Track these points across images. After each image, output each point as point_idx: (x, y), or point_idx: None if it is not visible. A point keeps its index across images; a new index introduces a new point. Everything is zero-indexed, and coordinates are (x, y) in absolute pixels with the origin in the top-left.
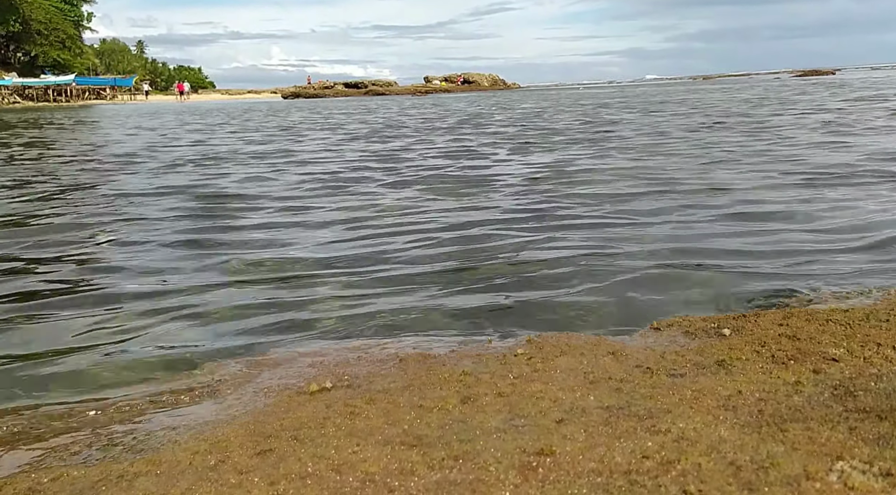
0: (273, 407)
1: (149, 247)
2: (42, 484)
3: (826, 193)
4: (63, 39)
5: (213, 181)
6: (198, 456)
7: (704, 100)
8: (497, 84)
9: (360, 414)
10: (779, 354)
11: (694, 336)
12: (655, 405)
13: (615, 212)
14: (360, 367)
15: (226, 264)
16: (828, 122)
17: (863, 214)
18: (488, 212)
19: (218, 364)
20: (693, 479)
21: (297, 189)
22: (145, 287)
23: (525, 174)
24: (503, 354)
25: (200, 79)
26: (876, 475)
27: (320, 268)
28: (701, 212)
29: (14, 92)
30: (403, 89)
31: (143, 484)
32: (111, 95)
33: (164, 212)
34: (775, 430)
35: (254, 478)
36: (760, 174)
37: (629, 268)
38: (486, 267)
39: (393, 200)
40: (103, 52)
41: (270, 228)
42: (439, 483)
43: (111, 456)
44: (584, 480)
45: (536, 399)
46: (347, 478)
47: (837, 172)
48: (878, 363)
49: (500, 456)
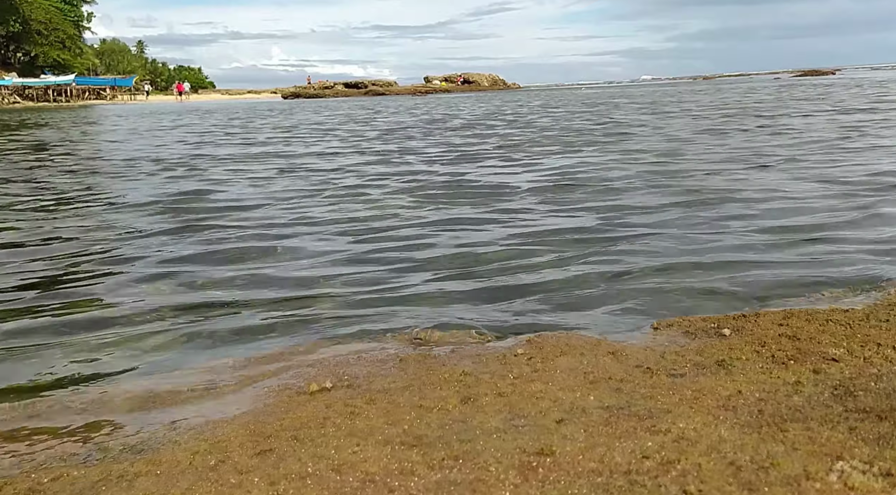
0: (273, 407)
1: (149, 246)
2: (42, 483)
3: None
4: (63, 39)
5: (217, 186)
6: (198, 456)
7: (731, 101)
8: (497, 84)
9: (360, 414)
10: (779, 354)
11: (694, 336)
12: (655, 405)
13: (616, 213)
14: (359, 367)
15: (225, 263)
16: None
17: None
18: (490, 213)
19: (217, 363)
20: (693, 479)
21: (299, 190)
22: (145, 285)
23: (531, 178)
24: (503, 354)
25: (200, 79)
26: (876, 475)
27: (321, 269)
28: (702, 215)
29: (14, 92)
30: (403, 89)
31: (143, 484)
32: (111, 95)
33: (161, 215)
34: (775, 430)
35: (254, 478)
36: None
37: (630, 267)
38: (486, 266)
39: (396, 202)
40: (103, 52)
41: (271, 228)
42: (439, 483)
43: (111, 456)
44: (584, 480)
45: (536, 399)
46: (347, 478)
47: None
48: (878, 363)
49: (500, 456)
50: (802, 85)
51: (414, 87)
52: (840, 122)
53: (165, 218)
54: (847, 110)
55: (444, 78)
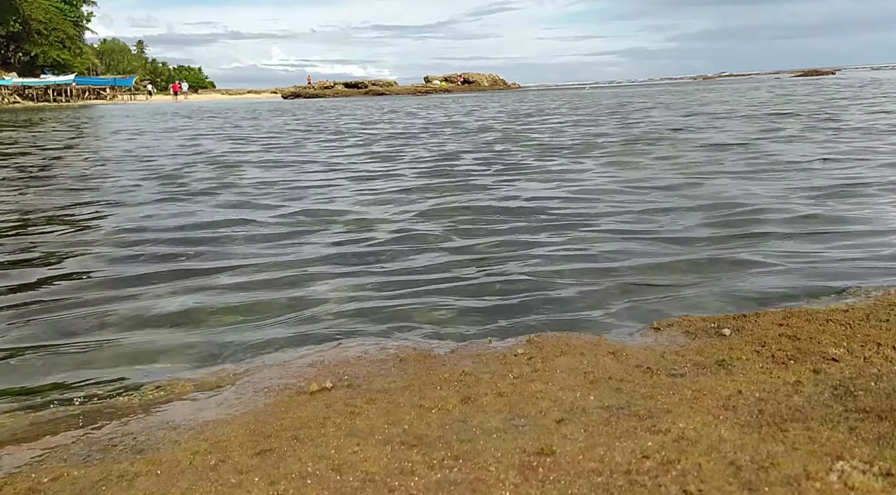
0: (273, 407)
1: (149, 244)
2: (42, 483)
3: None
4: (63, 39)
5: (227, 179)
6: (198, 455)
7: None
8: (497, 84)
9: (361, 414)
10: (779, 354)
11: (694, 336)
12: (655, 405)
13: (620, 214)
14: (359, 367)
15: (226, 262)
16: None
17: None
18: (491, 214)
19: (217, 363)
20: (693, 479)
21: (300, 190)
22: (146, 282)
23: (537, 178)
24: (503, 354)
25: (201, 79)
26: (876, 475)
27: (321, 268)
28: (702, 214)
29: (14, 92)
30: (403, 89)
31: (143, 484)
32: (111, 95)
33: (162, 210)
34: (775, 430)
35: (254, 478)
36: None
37: (630, 267)
38: (488, 266)
39: (400, 203)
40: (103, 52)
41: (272, 227)
42: (439, 482)
43: (111, 455)
44: (585, 480)
45: (536, 399)
46: (348, 478)
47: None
48: (878, 363)
49: (500, 455)
50: (824, 84)
51: (414, 86)
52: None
53: (162, 216)
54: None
55: (444, 78)
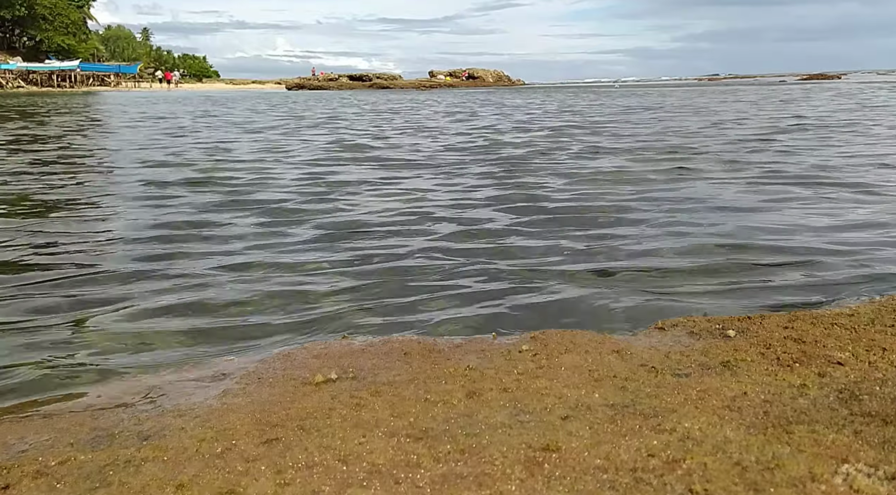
0: (278, 397)
1: (150, 238)
2: (50, 467)
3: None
4: (67, 25)
5: (230, 172)
6: (204, 443)
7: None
8: (502, 80)
9: (366, 406)
10: (784, 357)
11: (698, 336)
12: (660, 404)
13: (620, 215)
14: (364, 360)
15: (229, 256)
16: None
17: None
18: (494, 213)
19: (223, 354)
20: (699, 478)
21: (299, 190)
22: (149, 279)
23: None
24: (507, 350)
25: (205, 68)
26: (881, 478)
27: (326, 262)
28: (703, 214)
29: (18, 76)
30: (408, 83)
31: (150, 470)
32: (115, 82)
33: (173, 201)
34: (781, 432)
35: (260, 466)
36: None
37: (632, 267)
38: (490, 265)
39: (405, 200)
40: (108, 39)
41: (272, 227)
42: (445, 476)
43: (118, 441)
44: (591, 476)
45: (541, 395)
46: (354, 469)
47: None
48: (883, 367)
49: (505, 450)
50: (848, 88)
51: (419, 81)
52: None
53: (169, 209)
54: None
55: (449, 73)
